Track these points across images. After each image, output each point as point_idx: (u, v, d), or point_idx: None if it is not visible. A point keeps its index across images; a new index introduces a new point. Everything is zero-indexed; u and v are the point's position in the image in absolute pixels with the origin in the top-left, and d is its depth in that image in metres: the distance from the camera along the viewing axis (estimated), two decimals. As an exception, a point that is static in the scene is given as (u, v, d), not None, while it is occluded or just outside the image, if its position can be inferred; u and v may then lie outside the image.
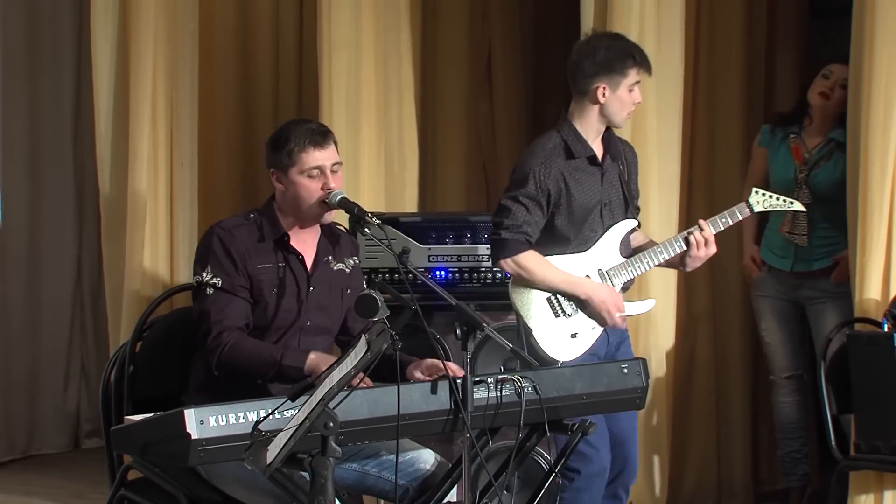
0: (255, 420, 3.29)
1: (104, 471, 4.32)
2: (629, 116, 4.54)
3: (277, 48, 6.09)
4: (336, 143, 4.16)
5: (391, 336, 3.23)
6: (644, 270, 4.56)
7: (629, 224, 4.57)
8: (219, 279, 4.06)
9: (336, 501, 3.25)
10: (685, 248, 4.51)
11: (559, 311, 4.45)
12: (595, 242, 4.50)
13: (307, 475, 3.22)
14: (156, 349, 4.36)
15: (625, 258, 4.54)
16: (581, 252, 4.49)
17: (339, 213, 4.16)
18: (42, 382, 6.95)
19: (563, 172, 4.44)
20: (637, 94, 4.47)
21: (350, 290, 4.22)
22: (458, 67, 6.36)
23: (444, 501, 3.91)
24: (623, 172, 4.58)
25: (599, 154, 4.52)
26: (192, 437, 3.33)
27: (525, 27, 6.78)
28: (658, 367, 5.36)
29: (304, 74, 6.03)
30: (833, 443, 4.90)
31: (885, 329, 4.81)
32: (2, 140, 6.72)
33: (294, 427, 3.10)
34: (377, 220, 3.97)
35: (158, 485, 4.04)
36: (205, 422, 3.35)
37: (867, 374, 4.83)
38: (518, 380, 3.74)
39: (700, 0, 5.78)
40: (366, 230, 3.98)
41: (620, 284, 4.52)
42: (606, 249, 4.52)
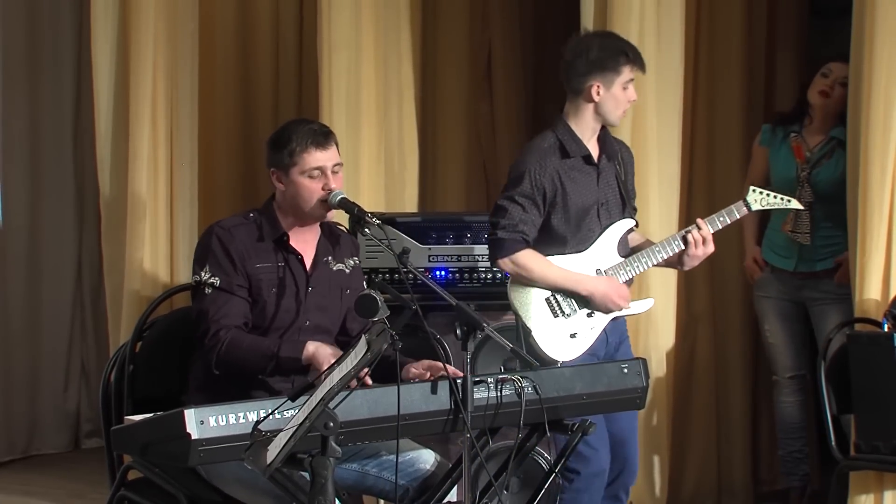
0: (255, 420, 3.28)
1: (104, 471, 4.32)
2: (624, 115, 4.54)
3: (277, 48, 6.08)
4: (337, 144, 4.16)
5: (391, 336, 3.23)
6: (642, 270, 4.56)
7: (627, 224, 4.57)
8: (217, 278, 4.06)
9: (336, 501, 3.24)
10: (683, 247, 4.51)
11: (558, 311, 4.45)
12: (593, 242, 4.50)
13: (307, 475, 3.22)
14: (156, 349, 4.36)
15: (623, 258, 4.54)
16: (579, 252, 4.49)
17: (340, 213, 4.16)
18: (42, 382, 6.94)
19: (559, 171, 4.44)
20: (632, 92, 4.47)
21: (349, 291, 4.21)
22: (458, 67, 6.36)
23: (444, 501, 3.91)
24: (619, 172, 4.58)
25: (595, 154, 4.52)
26: (192, 438, 3.33)
27: (525, 27, 6.78)
28: (658, 367, 5.36)
29: (304, 74, 6.03)
30: (833, 443, 4.90)
31: (885, 329, 4.81)
32: (2, 140, 6.71)
33: (294, 427, 3.10)
34: (377, 221, 3.97)
35: (158, 485, 4.04)
36: (205, 422, 3.35)
37: (867, 374, 4.82)
38: (518, 380, 3.74)
39: (700, 0, 5.77)
40: (366, 230, 3.98)
41: (620, 284, 4.53)
42: (604, 249, 4.52)
